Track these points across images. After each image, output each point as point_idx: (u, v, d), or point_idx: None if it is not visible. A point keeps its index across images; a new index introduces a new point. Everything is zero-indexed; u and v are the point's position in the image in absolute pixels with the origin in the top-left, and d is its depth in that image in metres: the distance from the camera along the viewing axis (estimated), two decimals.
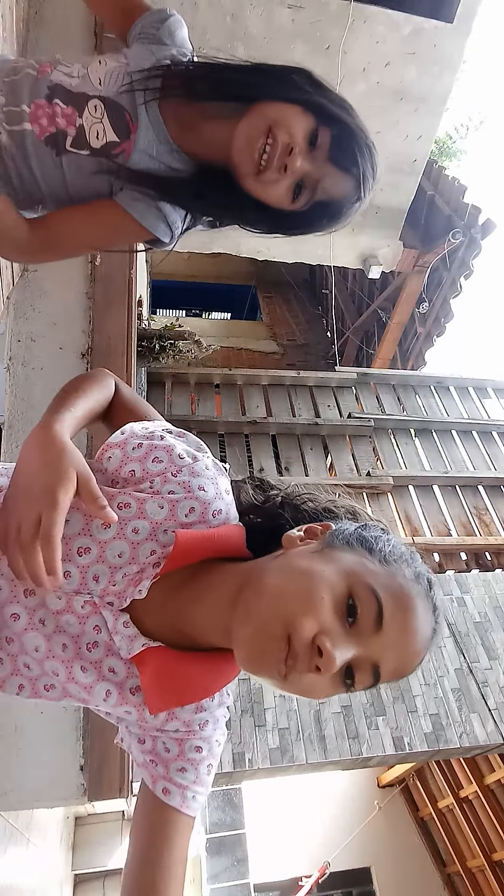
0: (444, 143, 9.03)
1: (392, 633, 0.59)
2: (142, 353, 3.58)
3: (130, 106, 0.88)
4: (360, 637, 0.58)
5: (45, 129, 0.88)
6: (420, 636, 0.61)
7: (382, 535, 0.66)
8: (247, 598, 0.61)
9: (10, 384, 2.61)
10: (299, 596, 0.58)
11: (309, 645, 0.56)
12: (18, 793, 2.34)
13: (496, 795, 5.84)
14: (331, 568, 0.60)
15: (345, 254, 4.98)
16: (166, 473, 0.69)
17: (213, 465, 0.72)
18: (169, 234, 0.94)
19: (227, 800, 6.87)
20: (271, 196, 0.88)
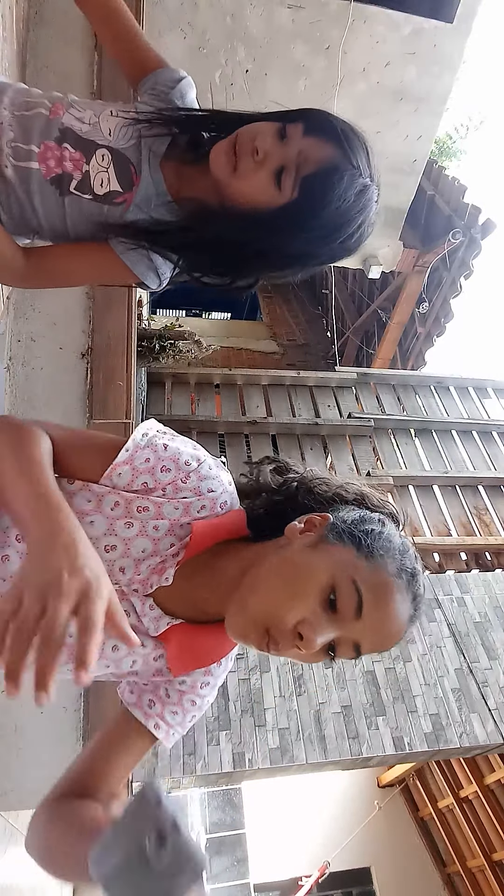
0: (444, 143, 9.03)
1: (371, 620, 0.68)
2: (142, 353, 3.58)
3: (136, 160, 0.92)
4: (342, 623, 0.68)
5: (52, 170, 0.91)
6: (397, 622, 0.70)
7: (375, 529, 0.73)
8: (243, 587, 0.71)
9: (10, 384, 2.61)
10: (285, 591, 0.68)
11: (291, 631, 0.67)
12: (18, 793, 2.34)
13: (496, 795, 5.84)
14: (320, 563, 0.69)
15: None
16: (176, 481, 0.75)
17: (215, 464, 0.79)
18: (157, 282, 0.97)
19: (227, 800, 6.88)
20: (253, 189, 0.85)
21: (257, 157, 0.84)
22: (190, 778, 2.63)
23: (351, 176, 0.84)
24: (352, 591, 0.67)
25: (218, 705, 2.77)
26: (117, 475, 0.74)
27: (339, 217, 0.85)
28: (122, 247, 0.92)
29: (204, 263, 0.96)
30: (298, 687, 2.88)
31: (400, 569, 0.71)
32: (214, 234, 0.91)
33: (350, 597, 0.67)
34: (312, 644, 0.66)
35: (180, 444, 0.77)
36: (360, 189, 0.85)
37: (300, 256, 0.93)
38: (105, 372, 2.65)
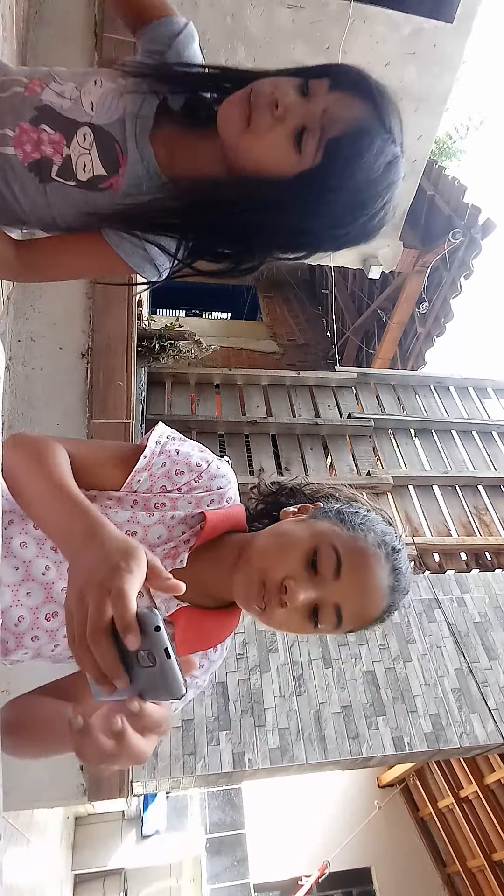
0: (444, 143, 9.03)
1: (349, 581, 0.74)
2: (142, 353, 3.58)
3: (121, 136, 0.82)
4: (323, 583, 0.74)
5: (29, 156, 0.83)
6: (375, 586, 0.75)
7: (359, 512, 0.81)
8: (245, 554, 0.79)
9: (10, 384, 2.61)
10: (274, 549, 0.76)
11: (278, 586, 0.73)
12: (18, 793, 2.34)
13: (496, 795, 5.84)
14: (304, 531, 0.77)
15: (345, 254, 4.97)
16: (190, 481, 0.81)
17: (222, 464, 0.85)
18: (156, 273, 0.88)
19: (227, 800, 6.87)
20: (269, 150, 0.74)
21: (276, 111, 0.72)
22: (190, 778, 2.63)
23: (383, 142, 0.73)
24: (331, 554, 0.74)
25: (218, 705, 2.77)
26: (137, 481, 0.79)
27: (366, 190, 0.75)
28: (116, 237, 0.84)
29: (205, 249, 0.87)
30: (298, 687, 2.88)
31: (380, 542, 0.77)
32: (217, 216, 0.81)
33: (329, 558, 0.73)
34: (295, 596, 0.72)
35: (189, 447, 0.83)
36: (391, 160, 0.75)
37: (315, 236, 0.82)
38: (105, 372, 2.65)
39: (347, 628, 0.77)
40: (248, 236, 0.83)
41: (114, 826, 5.62)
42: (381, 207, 0.79)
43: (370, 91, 0.74)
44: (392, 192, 0.79)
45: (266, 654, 2.95)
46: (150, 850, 5.59)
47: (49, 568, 0.78)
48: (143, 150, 0.82)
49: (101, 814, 5.62)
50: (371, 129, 0.73)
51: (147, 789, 2.71)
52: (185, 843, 5.95)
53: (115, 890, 5.55)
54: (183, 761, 2.61)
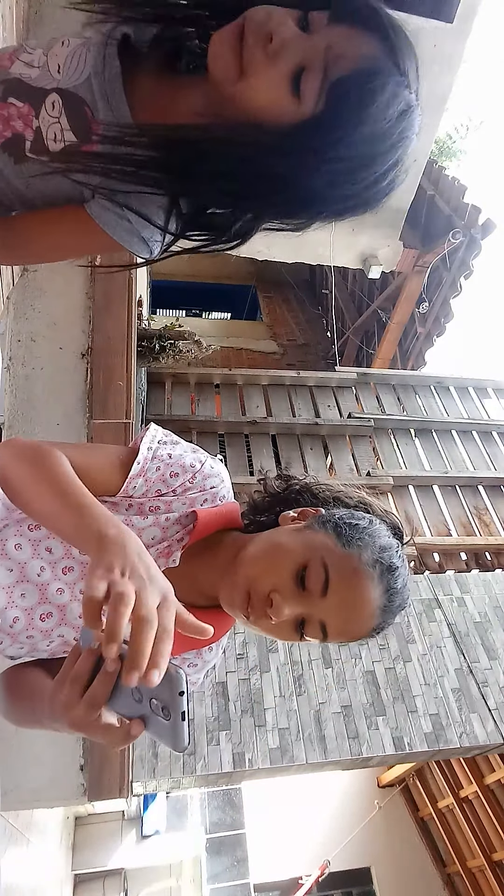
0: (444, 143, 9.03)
1: (336, 601, 0.72)
2: (142, 353, 3.58)
3: (90, 97, 0.73)
4: (310, 599, 0.73)
5: (1, 135, 0.76)
6: (364, 608, 0.73)
7: (360, 525, 0.78)
8: (236, 561, 0.78)
9: (10, 384, 2.61)
10: (264, 561, 0.75)
11: (264, 598, 0.73)
12: (18, 793, 2.34)
13: (496, 795, 5.84)
14: (297, 543, 0.76)
15: (345, 254, 4.98)
16: (185, 483, 0.81)
17: (215, 462, 0.85)
18: (146, 248, 0.79)
19: (227, 800, 6.87)
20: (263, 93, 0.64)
21: (270, 45, 0.62)
22: (190, 778, 2.63)
23: (396, 84, 0.63)
24: (320, 571, 0.72)
25: (218, 705, 2.77)
26: (132, 487, 0.79)
27: (374, 143, 0.65)
28: (98, 208, 0.75)
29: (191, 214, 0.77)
30: (298, 687, 2.88)
31: (375, 560, 0.75)
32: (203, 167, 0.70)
33: (318, 575, 0.72)
34: (280, 611, 0.71)
35: (182, 449, 0.83)
36: (405, 109, 0.65)
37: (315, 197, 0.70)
38: (105, 372, 2.65)
39: (335, 641, 0.77)
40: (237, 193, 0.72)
41: (114, 826, 5.62)
42: (391, 167, 0.68)
43: (381, 24, 0.62)
44: (404, 150, 0.68)
45: (266, 654, 2.95)
46: (150, 850, 5.60)
47: (44, 569, 0.78)
48: (116, 108, 0.73)
49: (101, 814, 5.62)
50: (382, 69, 0.62)
51: (147, 789, 2.71)
52: (185, 843, 5.95)
53: (115, 890, 5.55)
54: (183, 761, 2.61)
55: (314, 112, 0.64)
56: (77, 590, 0.79)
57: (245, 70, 0.64)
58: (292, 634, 0.75)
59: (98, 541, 0.57)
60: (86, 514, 0.61)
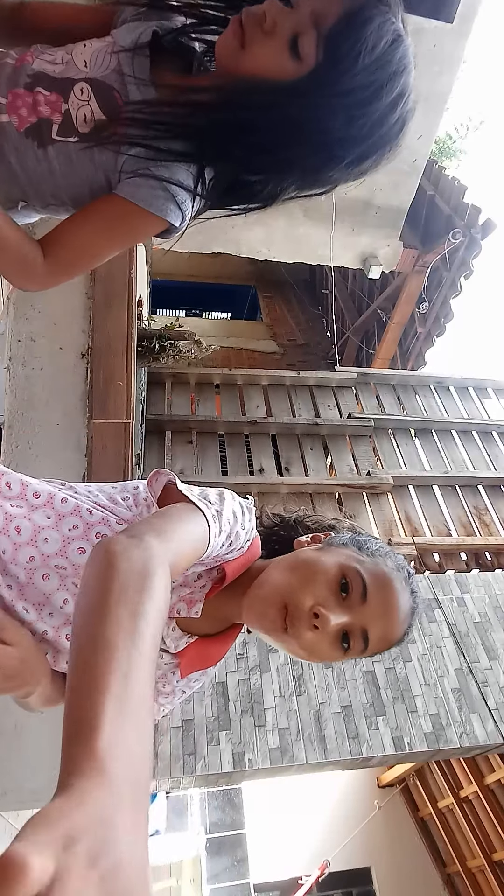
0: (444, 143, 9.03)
1: (375, 605, 0.75)
2: (142, 353, 3.58)
3: (119, 85, 0.79)
4: (351, 608, 0.75)
5: (26, 120, 0.79)
6: (399, 610, 0.77)
7: (371, 539, 0.84)
8: (261, 579, 0.79)
9: (10, 384, 2.61)
10: (300, 578, 0.76)
11: (308, 612, 0.73)
12: (18, 793, 2.34)
13: (496, 795, 5.84)
14: (328, 557, 0.78)
15: (345, 254, 4.98)
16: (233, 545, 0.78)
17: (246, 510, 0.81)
18: (180, 215, 0.81)
19: (227, 800, 6.88)
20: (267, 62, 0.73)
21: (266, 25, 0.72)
22: (190, 778, 2.63)
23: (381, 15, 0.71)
24: (358, 579, 0.75)
25: (218, 705, 2.77)
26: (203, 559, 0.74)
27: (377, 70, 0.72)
28: (130, 188, 0.79)
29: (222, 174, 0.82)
30: (298, 687, 2.88)
31: (397, 566, 0.80)
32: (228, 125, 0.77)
33: (356, 583, 0.75)
34: (328, 622, 0.72)
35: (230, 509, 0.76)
36: (394, 38, 0.72)
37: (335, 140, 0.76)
38: (105, 372, 2.65)
39: (373, 651, 0.78)
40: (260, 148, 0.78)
41: None
42: (398, 97, 0.74)
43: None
44: (407, 79, 0.74)
45: (266, 654, 2.95)
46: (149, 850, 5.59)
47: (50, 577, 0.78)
48: (146, 94, 0.80)
49: None
50: (363, 6, 0.70)
51: None
52: (185, 843, 5.95)
53: None
54: (183, 761, 2.61)
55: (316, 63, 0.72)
56: None
57: (248, 49, 0.73)
58: (334, 649, 0.76)
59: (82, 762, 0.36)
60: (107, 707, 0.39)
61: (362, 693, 2.92)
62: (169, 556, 0.58)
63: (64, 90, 0.79)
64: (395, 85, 0.74)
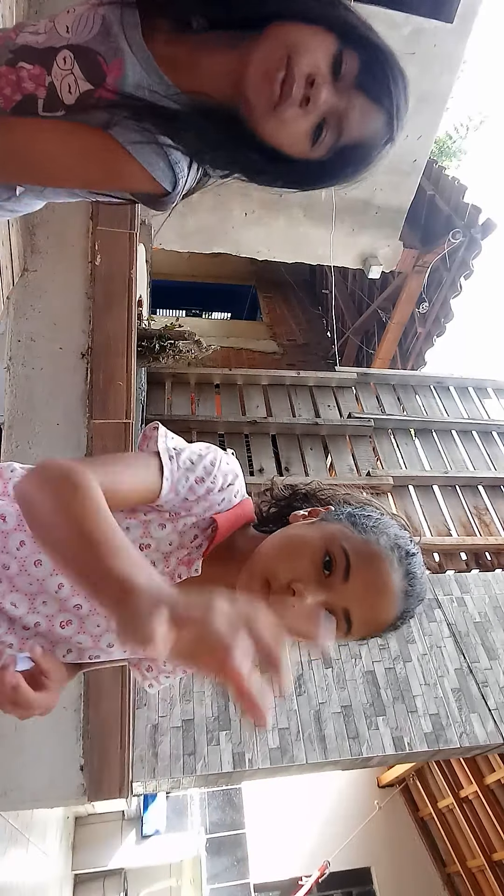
0: (444, 143, 9.03)
1: (358, 584, 0.72)
2: (142, 353, 3.58)
3: (104, 48, 0.75)
4: (332, 586, 0.72)
5: (11, 99, 0.77)
6: (387, 591, 0.73)
7: (372, 515, 0.79)
8: (252, 556, 0.78)
9: (10, 384, 2.61)
10: (281, 552, 0.75)
11: (285, 587, 0.71)
12: (18, 793, 2.34)
13: (496, 795, 5.84)
14: (314, 533, 0.76)
15: (345, 254, 4.98)
16: (208, 486, 0.79)
17: (229, 459, 0.84)
18: (171, 176, 0.76)
19: (227, 800, 6.87)
20: (288, 138, 0.75)
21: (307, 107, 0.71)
22: (190, 778, 2.63)
23: (387, 145, 0.78)
24: (341, 555, 0.72)
25: (218, 705, 2.76)
26: (165, 502, 0.77)
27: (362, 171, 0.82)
28: (122, 129, 0.74)
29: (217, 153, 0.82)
30: (298, 687, 2.88)
31: (393, 545, 0.75)
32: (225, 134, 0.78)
33: (339, 560, 0.72)
34: (303, 598, 0.70)
35: (197, 450, 0.80)
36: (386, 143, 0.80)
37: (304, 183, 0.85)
38: (105, 372, 2.65)
39: (359, 634, 0.75)
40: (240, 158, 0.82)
41: (114, 826, 5.62)
42: None
43: (391, 105, 0.75)
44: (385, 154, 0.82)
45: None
46: (150, 850, 5.59)
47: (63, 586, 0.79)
48: (138, 51, 0.76)
49: (101, 814, 5.62)
50: (381, 140, 0.77)
51: (147, 789, 2.71)
52: (185, 843, 5.95)
53: (115, 890, 5.55)
54: (183, 761, 2.61)
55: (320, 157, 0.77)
56: None
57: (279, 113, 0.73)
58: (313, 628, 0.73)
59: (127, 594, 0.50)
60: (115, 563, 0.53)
61: (362, 693, 2.92)
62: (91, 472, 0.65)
63: (46, 61, 0.76)
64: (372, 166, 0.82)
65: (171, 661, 0.64)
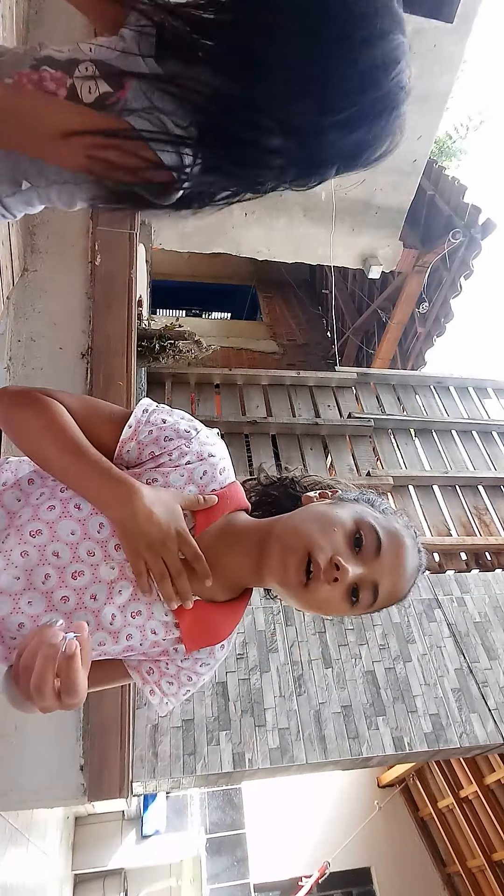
0: (444, 143, 9.03)
1: (388, 560, 0.77)
2: (142, 353, 3.58)
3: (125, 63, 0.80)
4: (365, 561, 0.76)
5: None
6: (409, 566, 0.80)
7: (380, 499, 0.86)
8: (278, 533, 0.78)
9: (10, 384, 2.60)
10: (319, 529, 0.76)
11: (329, 562, 0.74)
12: (18, 793, 2.34)
13: (496, 795, 5.84)
14: (343, 511, 0.79)
15: (345, 254, 4.98)
16: (181, 446, 0.80)
17: (212, 433, 0.86)
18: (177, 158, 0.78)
19: (227, 800, 6.88)
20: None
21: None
22: (190, 778, 2.63)
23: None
24: (373, 533, 0.77)
25: (218, 705, 2.77)
26: (126, 452, 0.80)
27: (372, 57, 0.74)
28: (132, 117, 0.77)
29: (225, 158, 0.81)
30: (298, 687, 2.88)
31: (406, 524, 0.83)
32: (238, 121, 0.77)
33: (371, 537, 0.77)
34: (346, 573, 0.73)
35: (177, 416, 0.83)
36: None
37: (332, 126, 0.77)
38: (105, 372, 2.65)
39: (379, 606, 0.79)
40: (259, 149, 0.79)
41: (114, 826, 5.62)
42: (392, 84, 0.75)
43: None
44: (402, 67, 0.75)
45: (266, 654, 2.95)
46: (150, 850, 5.60)
47: (49, 576, 0.76)
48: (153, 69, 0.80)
49: (101, 814, 5.62)
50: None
51: (147, 789, 2.71)
52: (185, 843, 5.95)
53: (115, 890, 5.56)
54: (183, 761, 2.61)
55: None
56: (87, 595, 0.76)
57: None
58: (344, 602, 0.76)
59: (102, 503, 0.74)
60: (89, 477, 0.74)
61: (362, 693, 2.92)
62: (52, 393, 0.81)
63: (69, 68, 0.80)
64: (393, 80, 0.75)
65: None
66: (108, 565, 0.76)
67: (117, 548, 0.76)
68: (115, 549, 0.76)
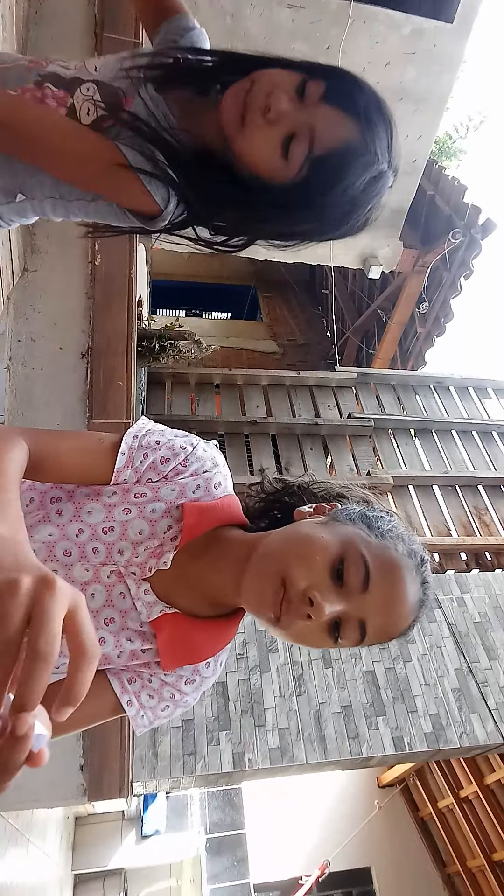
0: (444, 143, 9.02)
1: (377, 596, 0.67)
2: (142, 353, 3.58)
3: (126, 87, 0.83)
4: (349, 596, 0.66)
5: None
6: (405, 602, 0.69)
7: (384, 517, 0.75)
8: (256, 554, 0.71)
9: (10, 384, 2.61)
10: (296, 554, 0.68)
11: (301, 595, 0.65)
12: (18, 793, 2.34)
13: (496, 795, 5.84)
14: (329, 535, 0.69)
15: (345, 254, 4.98)
16: (177, 467, 0.76)
17: (208, 447, 0.81)
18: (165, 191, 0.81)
19: (227, 800, 6.87)
20: (258, 152, 0.77)
21: (269, 115, 0.75)
22: (190, 778, 2.63)
23: (366, 163, 0.76)
24: (360, 564, 0.67)
25: (218, 705, 2.76)
26: (122, 480, 0.75)
27: (347, 204, 0.79)
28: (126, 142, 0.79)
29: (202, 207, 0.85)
30: (298, 687, 2.88)
31: (410, 552, 0.71)
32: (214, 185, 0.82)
33: (358, 569, 0.67)
34: (321, 610, 0.64)
35: (171, 434, 0.79)
36: (375, 176, 0.78)
37: (301, 232, 0.86)
38: (105, 372, 2.65)
39: (371, 643, 0.70)
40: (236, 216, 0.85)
41: (114, 826, 5.63)
42: (363, 214, 0.82)
43: (359, 112, 0.75)
44: (376, 202, 0.82)
45: (266, 654, 2.95)
46: (150, 850, 5.60)
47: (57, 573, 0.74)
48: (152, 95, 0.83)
49: (101, 814, 5.62)
50: (355, 151, 0.75)
51: (147, 789, 2.71)
52: (185, 843, 5.95)
53: (115, 890, 5.56)
54: (183, 761, 2.61)
55: (297, 178, 0.77)
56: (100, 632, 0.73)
57: (246, 129, 0.77)
58: (325, 638, 0.68)
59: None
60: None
61: (362, 693, 2.92)
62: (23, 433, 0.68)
63: (71, 87, 0.83)
64: (364, 210, 0.81)
65: None
66: (82, 566, 0.73)
67: (95, 551, 0.73)
68: (93, 552, 0.73)
